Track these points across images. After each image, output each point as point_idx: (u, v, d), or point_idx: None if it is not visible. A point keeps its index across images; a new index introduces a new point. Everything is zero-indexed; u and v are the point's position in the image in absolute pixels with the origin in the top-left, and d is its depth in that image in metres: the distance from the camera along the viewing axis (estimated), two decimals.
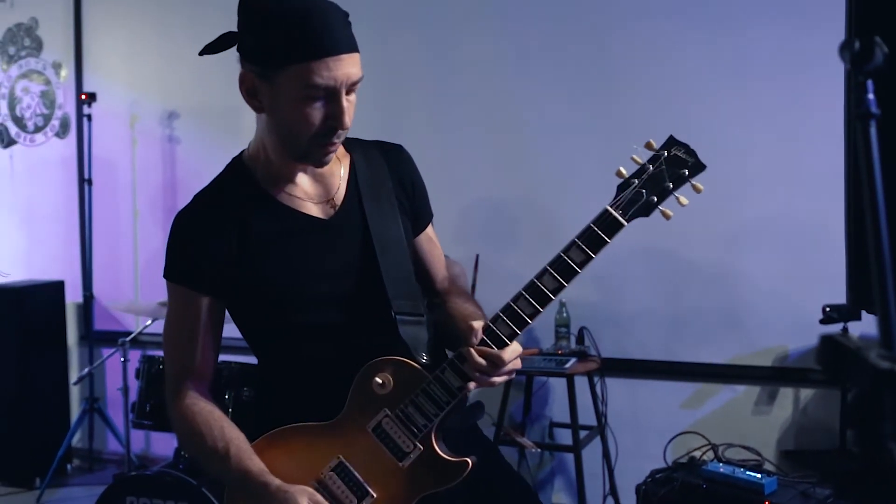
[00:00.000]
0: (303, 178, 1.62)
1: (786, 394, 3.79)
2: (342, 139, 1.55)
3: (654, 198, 1.51)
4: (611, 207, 1.51)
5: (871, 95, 0.93)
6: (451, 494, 1.53)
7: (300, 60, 1.42)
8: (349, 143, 1.69)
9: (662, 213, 1.52)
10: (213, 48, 1.54)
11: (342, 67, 1.45)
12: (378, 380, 1.52)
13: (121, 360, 4.07)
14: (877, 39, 0.93)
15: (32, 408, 4.66)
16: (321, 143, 1.51)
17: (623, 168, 1.53)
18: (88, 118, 4.78)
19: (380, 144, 1.74)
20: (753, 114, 3.73)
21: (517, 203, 4.09)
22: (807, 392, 3.75)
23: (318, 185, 1.63)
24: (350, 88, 1.49)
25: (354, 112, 1.53)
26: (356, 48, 1.49)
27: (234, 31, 1.53)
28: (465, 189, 4.11)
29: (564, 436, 3.92)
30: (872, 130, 0.91)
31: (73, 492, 4.58)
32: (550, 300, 1.52)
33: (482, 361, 1.48)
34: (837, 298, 3.06)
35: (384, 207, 1.65)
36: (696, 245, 3.82)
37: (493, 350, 1.49)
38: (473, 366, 1.48)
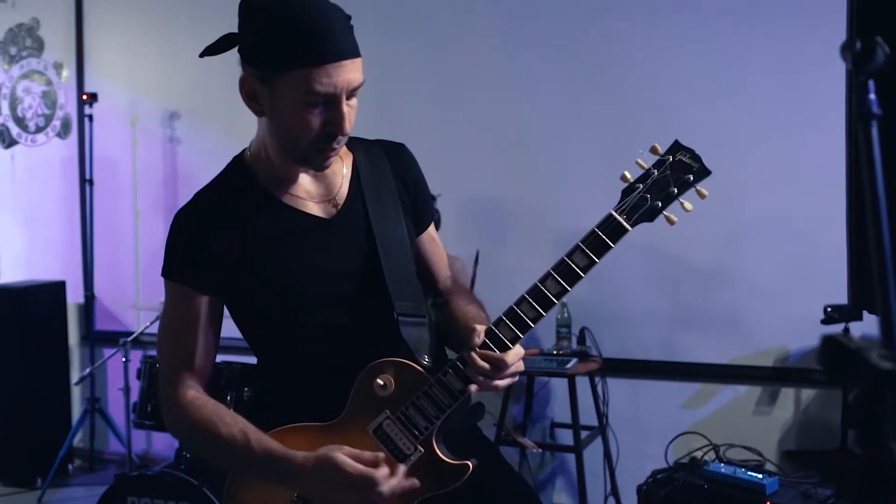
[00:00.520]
0: (304, 178, 1.62)
1: (787, 394, 3.79)
2: (342, 144, 1.54)
3: (659, 203, 1.50)
4: (615, 212, 1.51)
5: (873, 95, 0.93)
6: (452, 495, 1.53)
7: (300, 66, 1.41)
8: (351, 142, 1.68)
9: (667, 219, 1.52)
10: (214, 50, 1.54)
11: (343, 74, 1.43)
12: (379, 381, 1.51)
13: (122, 361, 4.07)
14: (878, 39, 0.93)
15: (34, 408, 4.67)
16: (320, 149, 1.51)
17: (628, 172, 1.52)
18: (90, 118, 4.78)
19: (382, 143, 1.74)
20: (754, 113, 3.73)
21: (517, 200, 4.09)
22: (808, 392, 3.75)
23: (320, 185, 1.63)
24: (351, 94, 1.48)
25: (356, 113, 1.52)
26: (358, 53, 1.47)
27: (235, 33, 1.52)
28: (466, 186, 4.11)
29: (565, 436, 3.92)
30: (874, 130, 0.91)
31: (75, 492, 4.59)
32: (554, 304, 1.52)
33: (485, 365, 1.47)
34: (838, 298, 3.06)
35: (387, 207, 1.64)
36: (697, 245, 3.82)
37: (496, 353, 1.48)
38: (476, 369, 1.47)
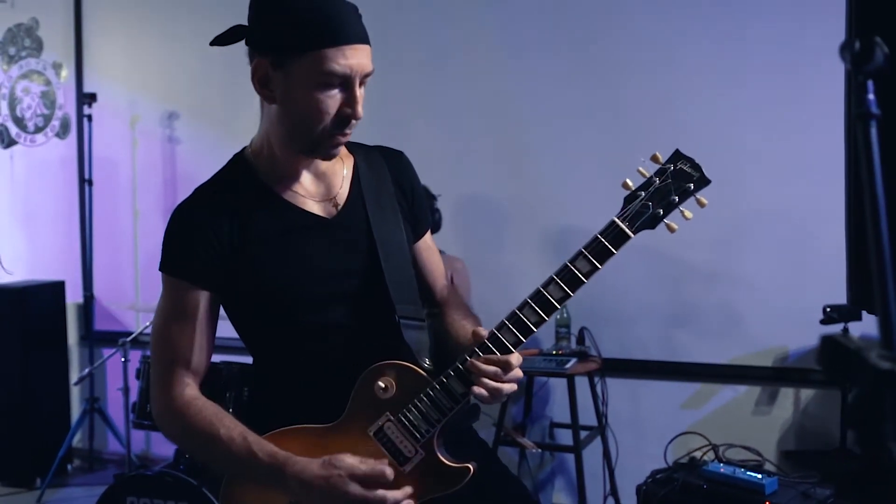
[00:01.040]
0: (306, 176, 1.61)
1: (786, 394, 3.79)
2: (352, 131, 1.54)
3: (661, 211, 1.51)
4: (618, 219, 1.51)
5: (872, 95, 0.93)
6: (450, 498, 1.52)
7: (317, 47, 1.43)
8: (352, 146, 1.68)
9: (667, 227, 1.53)
10: (223, 40, 1.54)
11: (358, 56, 1.46)
12: (381, 384, 1.51)
13: (121, 361, 4.07)
14: (877, 40, 0.93)
15: (33, 408, 4.66)
16: (333, 134, 1.50)
17: (629, 180, 1.53)
18: (89, 118, 4.78)
19: (382, 149, 1.74)
20: (754, 114, 3.73)
21: (517, 202, 4.09)
22: (807, 392, 3.76)
23: (321, 184, 1.62)
24: (362, 80, 1.50)
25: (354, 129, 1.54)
26: (369, 41, 1.50)
27: (244, 25, 1.53)
28: (467, 188, 4.11)
29: (565, 436, 3.93)
30: (873, 130, 0.91)
31: (74, 492, 4.59)
32: (556, 309, 1.52)
33: (489, 368, 1.47)
34: (838, 299, 3.06)
35: (386, 210, 1.64)
36: (696, 245, 3.82)
37: (500, 356, 1.48)
38: (480, 372, 1.47)
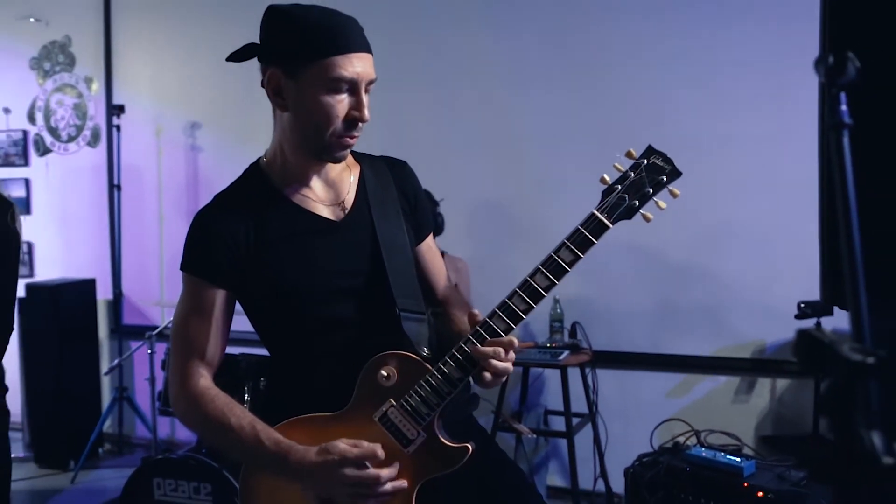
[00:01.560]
0: (316, 182, 1.62)
1: (763, 384, 3.78)
2: (360, 133, 1.55)
3: (636, 202, 1.51)
4: (597, 211, 1.51)
5: (844, 107, 0.93)
6: (450, 479, 1.52)
7: (327, 55, 1.45)
8: (359, 156, 1.69)
9: (643, 216, 1.53)
10: (238, 57, 1.56)
11: (363, 64, 1.49)
12: (384, 372, 1.52)
13: (148, 353, 4.08)
14: (849, 55, 0.93)
15: (67, 396, 4.67)
16: (342, 136, 1.52)
17: (607, 175, 1.54)
18: (117, 128, 4.79)
19: (386, 159, 1.75)
20: (732, 121, 3.73)
21: (515, 205, 4.09)
22: (783, 382, 3.75)
23: (330, 190, 1.63)
24: (367, 87, 1.52)
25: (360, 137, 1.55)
26: (371, 51, 1.53)
27: (256, 43, 1.55)
28: (467, 192, 4.11)
29: (558, 423, 3.92)
30: (845, 140, 0.91)
31: (105, 473, 4.59)
32: (543, 297, 1.51)
33: (488, 350, 1.46)
34: (811, 295, 3.06)
35: (390, 214, 1.64)
36: (680, 246, 3.82)
37: (502, 338, 1.48)
38: (484, 354, 1.46)
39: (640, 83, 3.86)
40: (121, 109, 4.75)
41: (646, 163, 1.52)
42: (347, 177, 1.65)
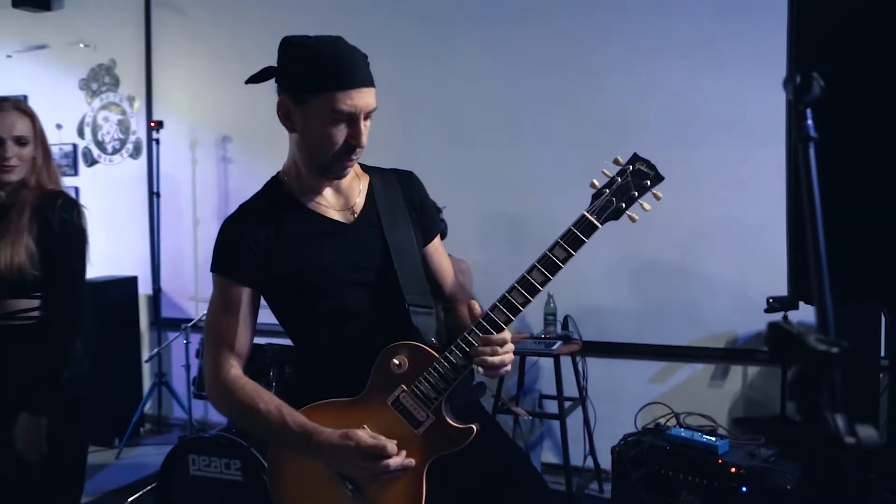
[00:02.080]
0: (328, 190, 1.62)
1: (736, 370, 3.77)
2: (359, 156, 1.56)
3: (623, 204, 1.51)
4: (587, 213, 1.51)
5: (810, 121, 0.92)
6: (458, 458, 1.52)
7: (329, 90, 1.46)
8: (368, 168, 1.70)
9: (630, 217, 1.53)
10: (256, 79, 1.57)
11: (362, 98, 1.48)
12: (396, 361, 1.51)
13: (183, 343, 4.08)
14: (814, 75, 0.92)
15: (112, 381, 4.67)
16: (341, 159, 1.53)
17: (596, 180, 1.53)
18: (157, 142, 4.80)
19: (394, 171, 1.75)
20: (709, 132, 3.73)
21: (515, 212, 4.08)
22: (753, 369, 3.74)
23: (341, 196, 1.63)
24: (367, 115, 1.51)
25: (373, 135, 1.54)
26: (373, 84, 1.52)
27: (274, 66, 1.55)
28: (469, 200, 4.10)
29: (552, 406, 3.91)
30: (811, 151, 0.90)
31: (146, 450, 4.60)
32: (539, 291, 1.51)
33: (486, 348, 1.47)
34: (779, 291, 3.04)
35: (397, 218, 1.64)
36: (662, 247, 3.81)
37: (495, 336, 1.48)
38: (480, 353, 1.46)
39: (636, 94, 3.85)
40: (160, 125, 4.76)
41: (631, 168, 1.51)
42: (357, 185, 1.65)
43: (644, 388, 3.85)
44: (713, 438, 2.83)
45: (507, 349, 1.49)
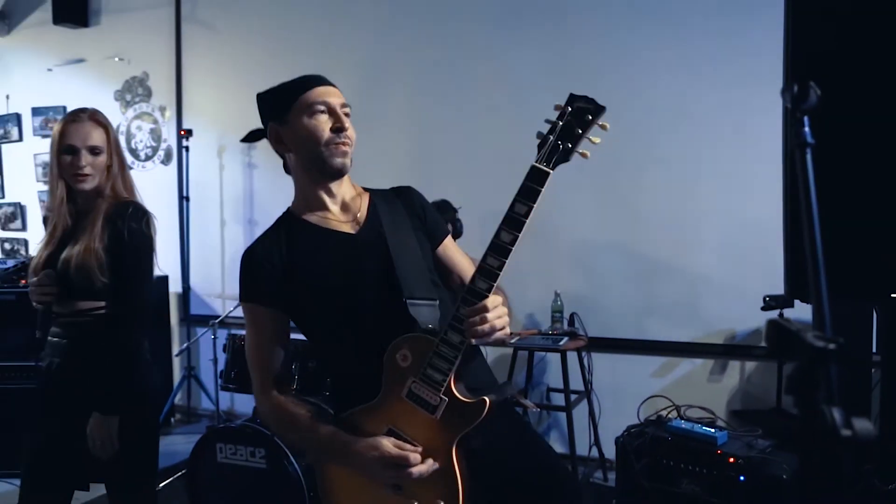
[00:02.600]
0: (333, 207, 1.64)
1: (734, 365, 3.75)
2: (348, 140, 1.59)
3: (570, 144, 1.45)
4: (536, 163, 1.46)
5: (807, 129, 0.91)
6: (497, 451, 1.51)
7: (300, 93, 1.57)
8: (368, 189, 1.72)
9: (581, 154, 1.45)
10: (249, 139, 1.72)
11: (330, 95, 1.58)
12: (399, 356, 1.51)
13: (211, 338, 4.10)
14: (811, 83, 0.91)
15: None
16: (334, 144, 1.56)
17: (541, 131, 1.47)
18: (186, 149, 4.83)
19: (392, 188, 1.76)
20: (707, 135, 3.71)
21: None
22: (750, 364, 3.72)
23: (346, 211, 1.65)
24: (345, 112, 1.59)
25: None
26: (335, 86, 1.62)
27: (261, 128, 1.68)
28: (484, 201, 4.09)
29: (558, 398, 3.91)
30: (808, 156, 0.90)
31: (176, 439, 4.62)
32: (509, 251, 1.45)
33: (475, 318, 1.43)
34: (775, 290, 3.03)
35: (399, 224, 1.65)
36: (663, 248, 3.80)
37: (478, 304, 1.44)
38: (470, 323, 1.43)
39: (640, 97, 3.82)
40: (189, 133, 4.79)
41: (570, 109, 1.45)
42: (359, 201, 1.68)
43: (646, 382, 3.83)
44: (712, 430, 2.81)
45: (496, 313, 1.44)
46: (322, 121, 1.56)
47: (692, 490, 2.73)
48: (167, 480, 3.66)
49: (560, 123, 1.45)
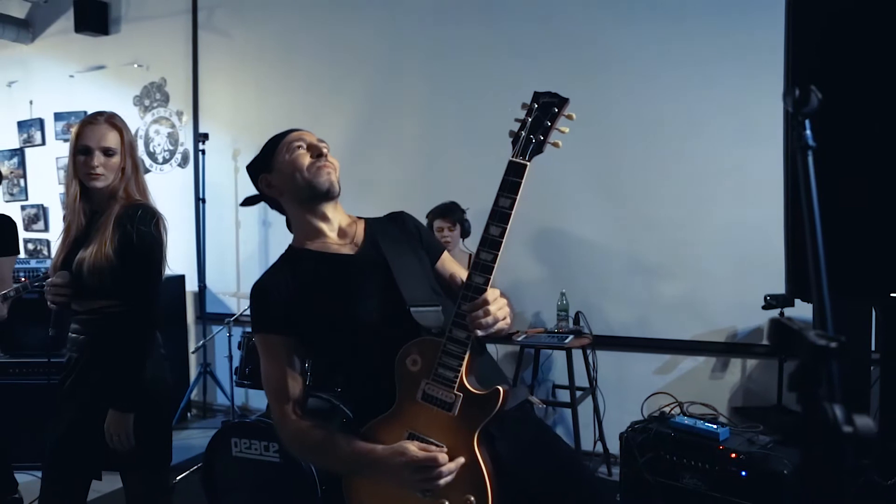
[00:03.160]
0: (330, 234, 1.68)
1: (735, 363, 3.73)
2: (329, 164, 1.66)
3: (541, 136, 1.48)
4: (512, 158, 1.49)
5: (808, 131, 0.91)
6: (522, 453, 1.51)
7: (281, 140, 1.70)
8: (362, 218, 1.76)
9: (553, 145, 1.49)
10: (248, 203, 1.78)
11: (307, 135, 1.70)
12: (409, 361, 1.51)
13: (226, 335, 4.11)
14: (812, 87, 0.91)
15: None
16: (315, 166, 1.64)
17: (512, 129, 1.51)
18: (203, 152, 4.84)
19: (386, 215, 1.79)
20: (712, 138, 3.69)
21: (528, 214, 4.06)
22: (752, 362, 3.70)
23: (343, 236, 1.69)
24: (321, 144, 1.68)
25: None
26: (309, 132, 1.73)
27: (257, 194, 1.76)
28: (490, 203, 4.09)
29: (564, 395, 3.90)
30: (810, 159, 0.89)
31: (193, 433, 4.64)
32: (500, 244, 1.47)
33: (476, 312, 1.44)
34: (776, 289, 3.01)
35: (396, 241, 1.68)
36: (666, 248, 3.78)
37: (478, 299, 1.44)
38: (472, 317, 1.44)
39: (644, 100, 3.81)
40: (205, 137, 4.81)
41: (536, 105, 1.49)
42: (355, 227, 1.71)
43: (650, 379, 3.82)
44: (714, 426, 2.80)
45: (497, 305, 1.45)
46: (301, 154, 1.65)
47: (694, 485, 2.72)
48: (184, 474, 3.68)
49: (529, 119, 1.49)
